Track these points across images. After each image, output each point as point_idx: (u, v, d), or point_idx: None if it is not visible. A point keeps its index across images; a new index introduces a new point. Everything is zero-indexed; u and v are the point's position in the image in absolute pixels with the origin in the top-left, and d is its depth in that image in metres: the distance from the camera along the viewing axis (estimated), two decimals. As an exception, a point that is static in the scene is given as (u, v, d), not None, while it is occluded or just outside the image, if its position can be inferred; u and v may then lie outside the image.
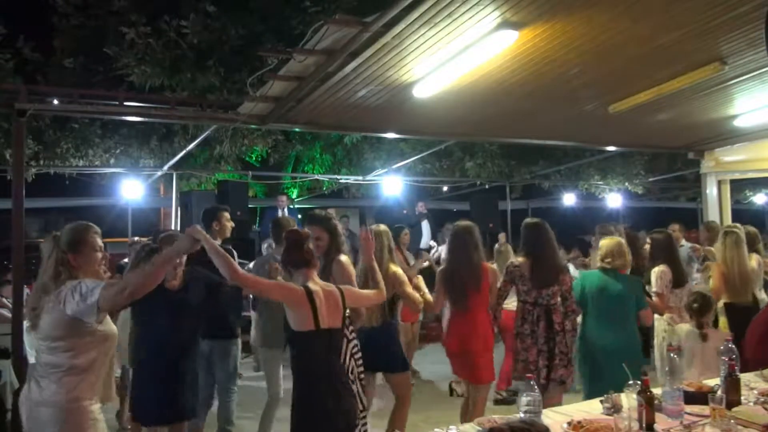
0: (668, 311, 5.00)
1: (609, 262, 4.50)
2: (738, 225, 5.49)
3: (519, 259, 4.55)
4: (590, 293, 4.48)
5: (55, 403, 2.72)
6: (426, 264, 7.09)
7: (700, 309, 4.24)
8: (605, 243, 4.61)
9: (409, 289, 4.31)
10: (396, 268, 4.31)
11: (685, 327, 4.36)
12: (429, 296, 4.54)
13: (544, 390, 4.19)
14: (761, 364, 3.42)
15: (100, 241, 2.92)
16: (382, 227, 4.44)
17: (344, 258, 3.71)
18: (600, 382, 3.81)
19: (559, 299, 4.39)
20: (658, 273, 5.00)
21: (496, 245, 7.34)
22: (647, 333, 5.03)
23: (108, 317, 2.87)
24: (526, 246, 4.55)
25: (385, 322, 4.25)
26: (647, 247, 5.44)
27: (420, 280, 4.67)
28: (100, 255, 2.89)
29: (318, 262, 3.36)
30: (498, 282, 4.62)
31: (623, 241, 4.69)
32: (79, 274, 2.79)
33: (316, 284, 3.13)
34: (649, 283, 5.06)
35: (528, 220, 4.72)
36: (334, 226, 3.83)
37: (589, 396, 3.88)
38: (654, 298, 4.93)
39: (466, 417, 4.20)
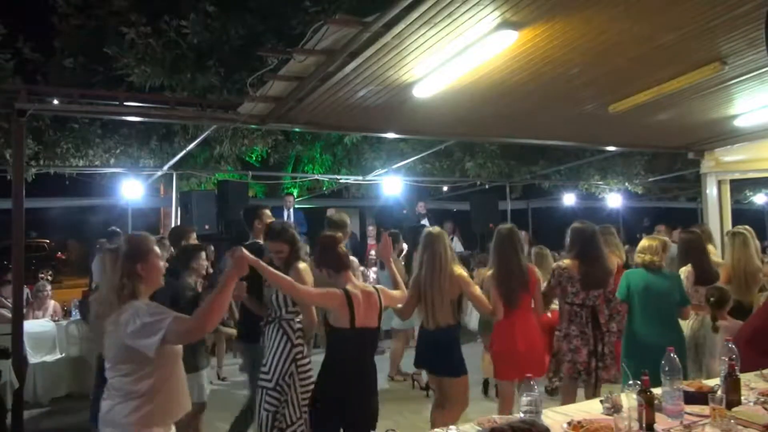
0: (693, 309, 5.05)
1: (651, 259, 4.57)
2: (747, 227, 5.57)
3: (566, 262, 4.58)
4: (635, 291, 4.55)
5: (123, 426, 2.57)
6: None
7: (717, 302, 4.43)
8: (647, 241, 4.70)
9: (478, 290, 4.28)
10: (461, 270, 4.29)
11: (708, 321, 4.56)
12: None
13: (594, 389, 4.32)
14: (750, 365, 3.41)
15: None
16: (437, 229, 4.41)
17: (303, 265, 3.86)
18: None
19: (603, 301, 4.50)
20: (686, 273, 5.05)
21: (533, 249, 7.32)
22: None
23: None
24: (575, 248, 4.59)
25: (451, 325, 4.22)
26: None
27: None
28: (162, 264, 2.79)
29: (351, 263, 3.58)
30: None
31: (666, 239, 4.86)
32: (142, 287, 2.66)
33: (356, 286, 3.33)
34: None
35: (576, 223, 4.74)
36: (292, 236, 3.94)
37: None
38: None
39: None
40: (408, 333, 7.02)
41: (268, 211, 4.85)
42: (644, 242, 4.73)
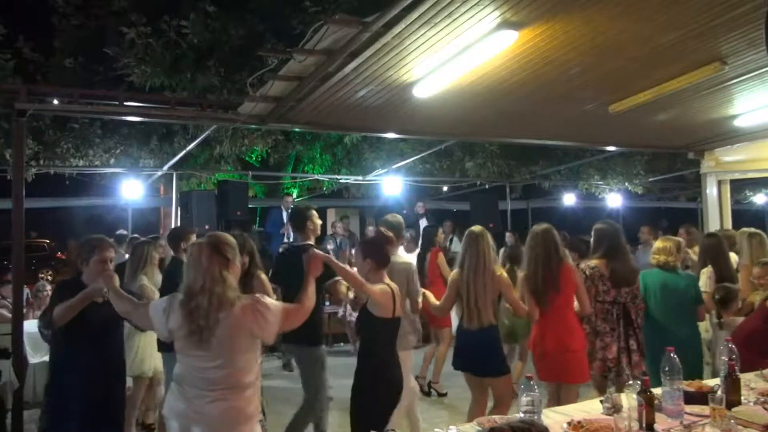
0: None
1: (666, 260, 4.69)
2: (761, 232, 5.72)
3: (594, 261, 4.60)
4: (652, 290, 4.65)
5: (249, 418, 2.78)
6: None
7: (721, 300, 4.58)
8: (662, 243, 4.81)
9: (516, 294, 4.35)
10: (502, 271, 4.35)
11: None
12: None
13: (624, 386, 4.28)
14: (747, 366, 3.42)
15: None
16: (479, 228, 4.41)
17: (263, 276, 4.10)
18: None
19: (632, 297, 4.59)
20: (708, 273, 5.12)
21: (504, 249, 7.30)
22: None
23: None
24: (601, 248, 4.64)
25: (493, 324, 4.27)
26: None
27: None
28: None
29: None
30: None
31: (681, 240, 4.99)
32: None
33: (391, 281, 3.71)
34: None
35: (600, 223, 4.80)
36: (252, 247, 4.06)
37: None
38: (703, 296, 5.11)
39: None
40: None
41: (315, 212, 4.84)
42: (659, 243, 4.83)
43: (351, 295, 4.57)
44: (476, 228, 4.41)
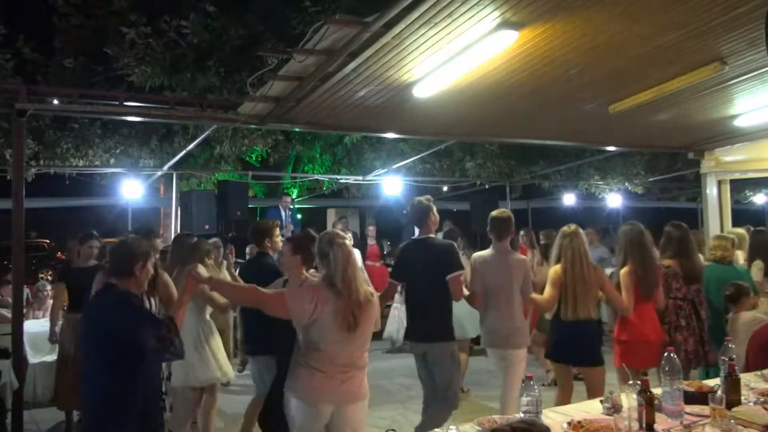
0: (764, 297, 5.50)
1: (723, 255, 5.24)
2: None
3: (666, 261, 4.96)
4: (712, 284, 5.03)
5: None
6: None
7: (731, 297, 4.85)
8: (718, 240, 5.44)
9: (614, 290, 4.64)
10: (599, 267, 4.68)
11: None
12: None
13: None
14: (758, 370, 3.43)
15: None
16: (572, 227, 4.68)
17: (167, 276, 4.22)
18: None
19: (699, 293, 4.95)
20: (759, 266, 5.59)
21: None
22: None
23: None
24: (671, 248, 5.01)
25: (592, 318, 4.57)
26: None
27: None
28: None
29: None
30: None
31: (734, 237, 5.57)
32: None
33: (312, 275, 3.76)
34: None
35: (674, 224, 5.14)
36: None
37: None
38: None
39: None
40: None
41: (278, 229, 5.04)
42: (715, 241, 5.47)
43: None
44: (571, 226, 4.71)
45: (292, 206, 10.89)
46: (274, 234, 4.88)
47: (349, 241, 3.34)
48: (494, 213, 4.89)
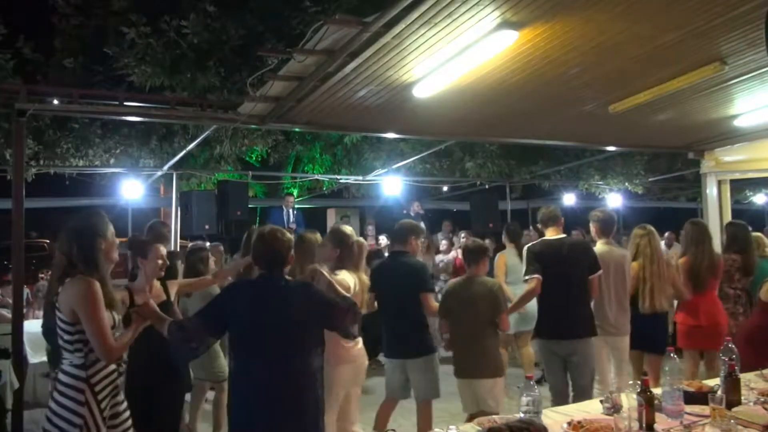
0: None
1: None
2: None
3: (733, 256, 5.48)
4: (759, 277, 5.09)
5: None
6: None
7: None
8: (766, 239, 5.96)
9: (681, 283, 5.12)
10: (671, 263, 5.13)
11: None
12: None
13: None
14: (748, 366, 3.42)
15: None
16: (649, 226, 5.15)
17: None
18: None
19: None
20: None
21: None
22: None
23: None
24: (736, 244, 5.54)
25: (665, 310, 5.03)
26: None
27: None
28: None
29: None
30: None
31: None
32: None
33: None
34: None
35: (736, 222, 5.83)
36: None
37: None
38: None
39: None
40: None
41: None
42: (764, 239, 5.93)
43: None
44: (646, 226, 5.16)
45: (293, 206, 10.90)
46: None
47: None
48: (599, 213, 5.30)
